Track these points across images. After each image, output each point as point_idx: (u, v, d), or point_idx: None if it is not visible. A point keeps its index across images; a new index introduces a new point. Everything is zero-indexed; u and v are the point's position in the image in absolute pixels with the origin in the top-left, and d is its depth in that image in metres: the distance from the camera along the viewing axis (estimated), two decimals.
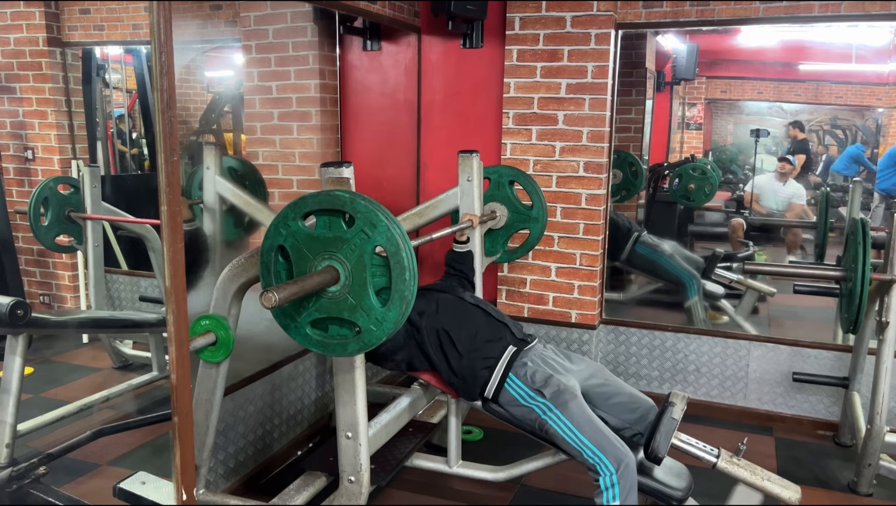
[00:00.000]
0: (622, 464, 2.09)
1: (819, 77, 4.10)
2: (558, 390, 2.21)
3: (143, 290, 3.53)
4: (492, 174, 3.16)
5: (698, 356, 3.49)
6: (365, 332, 1.77)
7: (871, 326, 2.94)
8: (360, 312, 1.76)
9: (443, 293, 2.53)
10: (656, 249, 4.04)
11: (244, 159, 3.48)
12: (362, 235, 1.73)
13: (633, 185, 4.05)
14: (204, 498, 2.34)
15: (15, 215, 3.18)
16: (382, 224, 1.71)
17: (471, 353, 2.33)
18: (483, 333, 2.38)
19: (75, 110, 3.22)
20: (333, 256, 1.76)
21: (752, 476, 2.15)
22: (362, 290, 1.75)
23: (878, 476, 2.73)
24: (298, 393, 3.01)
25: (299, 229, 1.79)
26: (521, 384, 2.28)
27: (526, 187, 3.14)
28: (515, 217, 3.17)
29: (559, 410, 2.18)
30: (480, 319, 2.44)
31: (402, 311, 1.74)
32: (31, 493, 2.31)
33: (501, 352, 2.33)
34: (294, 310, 1.83)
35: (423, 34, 3.71)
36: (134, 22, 3.34)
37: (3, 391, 2.41)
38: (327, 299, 1.79)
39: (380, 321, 1.75)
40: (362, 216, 1.72)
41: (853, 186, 3.85)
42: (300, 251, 1.80)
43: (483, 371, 2.31)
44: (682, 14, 3.21)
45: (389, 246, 1.71)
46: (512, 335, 2.41)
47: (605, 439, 2.13)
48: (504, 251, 3.25)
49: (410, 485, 2.79)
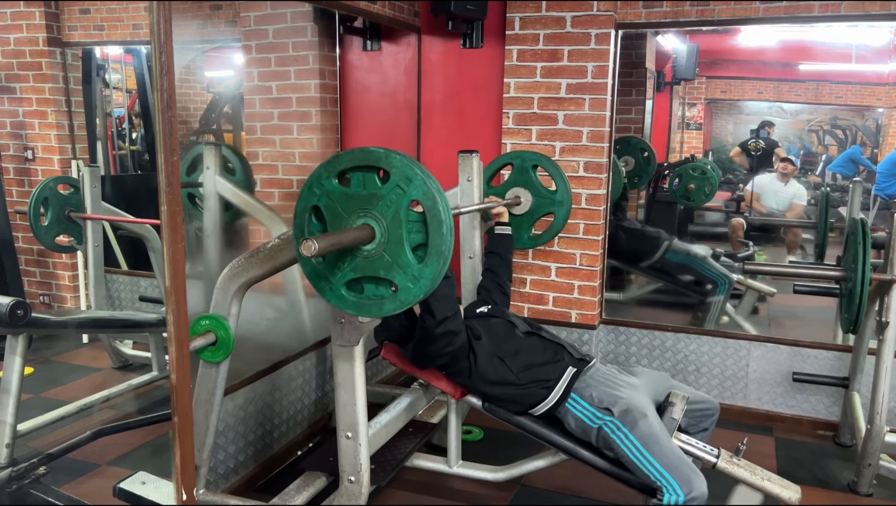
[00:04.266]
0: (693, 490, 2.03)
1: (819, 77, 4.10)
2: (626, 409, 2.17)
3: (143, 290, 3.53)
4: (514, 159, 3.14)
5: (698, 356, 3.49)
6: (402, 290, 1.74)
7: (871, 326, 2.94)
8: (397, 270, 1.73)
9: (494, 318, 2.50)
10: (689, 254, 4.08)
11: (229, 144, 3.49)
12: (398, 190, 1.69)
13: (646, 171, 4.06)
14: (204, 498, 2.34)
15: (15, 215, 3.18)
16: (418, 178, 1.67)
17: (527, 379, 2.29)
18: (540, 357, 2.34)
19: (75, 110, 3.22)
20: (369, 214, 1.73)
21: (752, 476, 2.15)
22: (398, 246, 1.72)
23: (878, 476, 2.73)
24: (298, 393, 3.01)
25: (333, 188, 1.76)
26: (587, 405, 2.24)
27: (549, 171, 3.11)
28: (540, 202, 3.12)
29: (627, 428, 2.13)
30: (536, 343, 2.40)
31: (440, 267, 1.70)
32: (31, 493, 2.31)
33: (561, 373, 2.30)
34: (328, 271, 1.80)
35: (423, 34, 3.71)
36: (134, 22, 3.34)
37: (3, 391, 2.41)
38: (363, 258, 1.76)
39: (417, 278, 1.71)
40: (397, 171, 1.69)
41: (853, 187, 3.85)
42: (334, 210, 1.77)
43: (541, 391, 2.28)
44: (682, 14, 3.21)
45: (426, 200, 1.68)
46: (570, 356, 2.37)
47: (675, 460, 2.09)
48: (529, 237, 3.20)
49: (410, 485, 2.78)
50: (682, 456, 2.12)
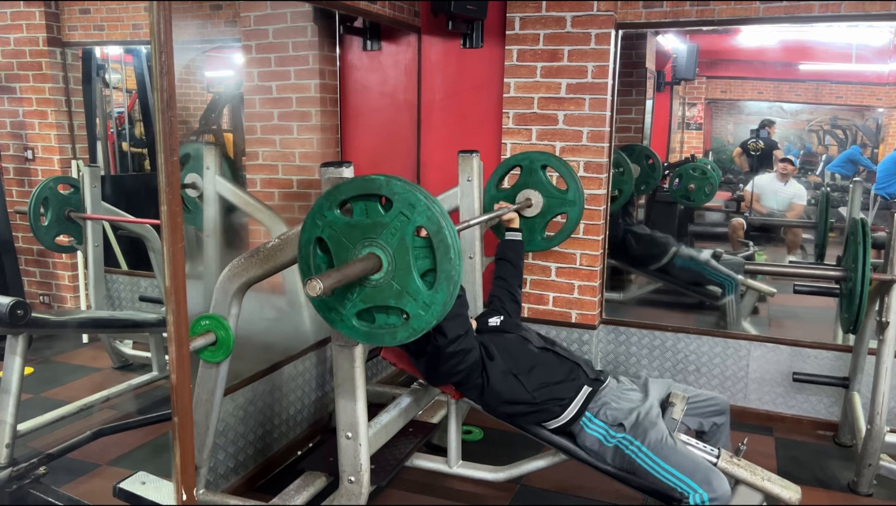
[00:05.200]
0: (716, 489, 2.03)
1: (819, 77, 4.10)
2: (637, 421, 2.19)
3: (143, 290, 3.53)
4: (522, 161, 3.12)
5: (698, 356, 3.49)
6: (413, 317, 1.72)
7: (871, 326, 2.94)
8: (407, 298, 1.71)
9: (507, 333, 2.49)
10: (694, 259, 4.09)
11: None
12: (401, 217, 1.68)
13: (652, 177, 4.06)
14: (204, 498, 2.34)
15: (15, 215, 3.18)
16: (422, 203, 1.66)
17: (542, 398, 2.28)
18: (555, 375, 2.34)
19: (75, 110, 3.22)
20: (374, 243, 1.72)
21: (752, 476, 2.15)
22: (407, 274, 1.70)
23: (878, 476, 2.73)
24: (298, 393, 3.01)
25: (336, 219, 1.75)
26: (601, 423, 2.25)
27: (560, 170, 3.10)
28: (552, 202, 3.10)
29: (639, 440, 2.15)
30: (552, 360, 2.40)
31: (450, 291, 1.68)
32: (31, 493, 2.31)
33: (577, 392, 2.30)
34: (338, 302, 1.79)
35: (423, 34, 3.71)
36: (134, 22, 3.34)
37: (3, 391, 2.41)
38: (371, 288, 1.74)
39: (428, 305, 1.70)
40: (400, 197, 1.67)
41: (853, 186, 3.85)
42: (339, 241, 1.75)
43: (555, 408, 2.28)
44: (682, 14, 3.20)
45: (431, 225, 1.66)
46: (585, 375, 2.36)
47: (692, 463, 2.09)
48: (542, 238, 3.19)
49: (410, 485, 2.78)
50: (698, 458, 2.12)
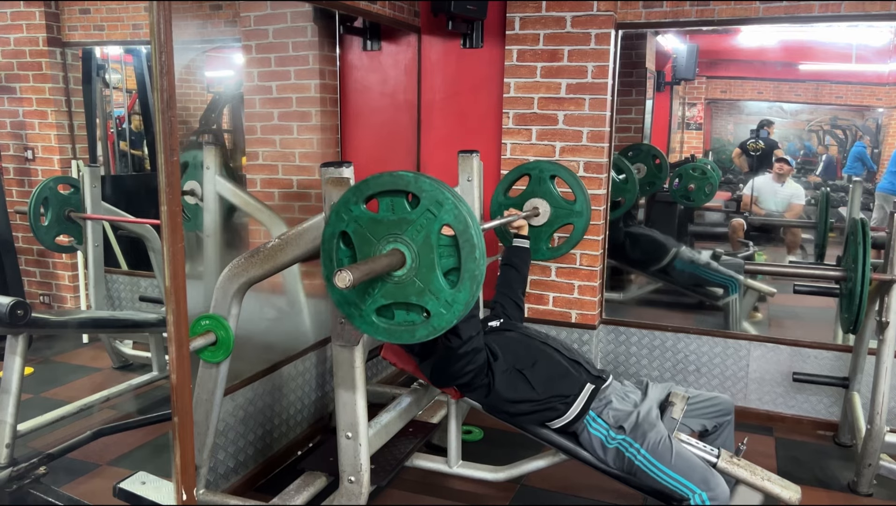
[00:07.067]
0: (714, 488, 2.04)
1: (819, 77, 4.10)
2: (636, 424, 2.19)
3: (143, 290, 3.53)
4: (532, 170, 3.13)
5: (698, 356, 3.49)
6: (434, 316, 1.72)
7: (871, 326, 2.94)
8: (429, 295, 1.71)
9: (508, 331, 2.49)
10: (693, 262, 4.10)
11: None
12: (428, 214, 1.68)
13: (658, 177, 4.07)
14: (204, 498, 2.34)
15: (15, 215, 3.18)
16: (449, 202, 1.66)
17: (547, 394, 2.27)
18: (559, 368, 2.33)
19: (75, 110, 3.22)
20: (398, 239, 1.71)
21: (752, 476, 2.15)
22: (430, 272, 1.70)
23: (878, 476, 2.73)
24: (298, 393, 3.01)
25: (362, 214, 1.75)
26: (603, 423, 2.25)
27: (568, 181, 3.10)
28: (559, 212, 3.10)
29: (638, 442, 2.15)
30: (554, 354, 2.39)
31: (473, 291, 1.68)
32: (31, 493, 2.31)
33: (580, 389, 2.29)
34: (358, 298, 1.78)
35: (423, 34, 3.71)
36: (134, 22, 3.34)
37: (3, 391, 2.41)
38: (393, 284, 1.74)
39: (450, 303, 1.69)
40: (428, 195, 1.67)
41: (853, 186, 3.85)
42: (363, 236, 1.75)
43: (560, 406, 2.27)
44: (682, 14, 3.21)
45: (457, 224, 1.66)
46: (588, 373, 2.36)
47: (689, 465, 2.09)
48: (547, 248, 3.19)
49: (410, 485, 2.78)
50: (695, 459, 2.12)
